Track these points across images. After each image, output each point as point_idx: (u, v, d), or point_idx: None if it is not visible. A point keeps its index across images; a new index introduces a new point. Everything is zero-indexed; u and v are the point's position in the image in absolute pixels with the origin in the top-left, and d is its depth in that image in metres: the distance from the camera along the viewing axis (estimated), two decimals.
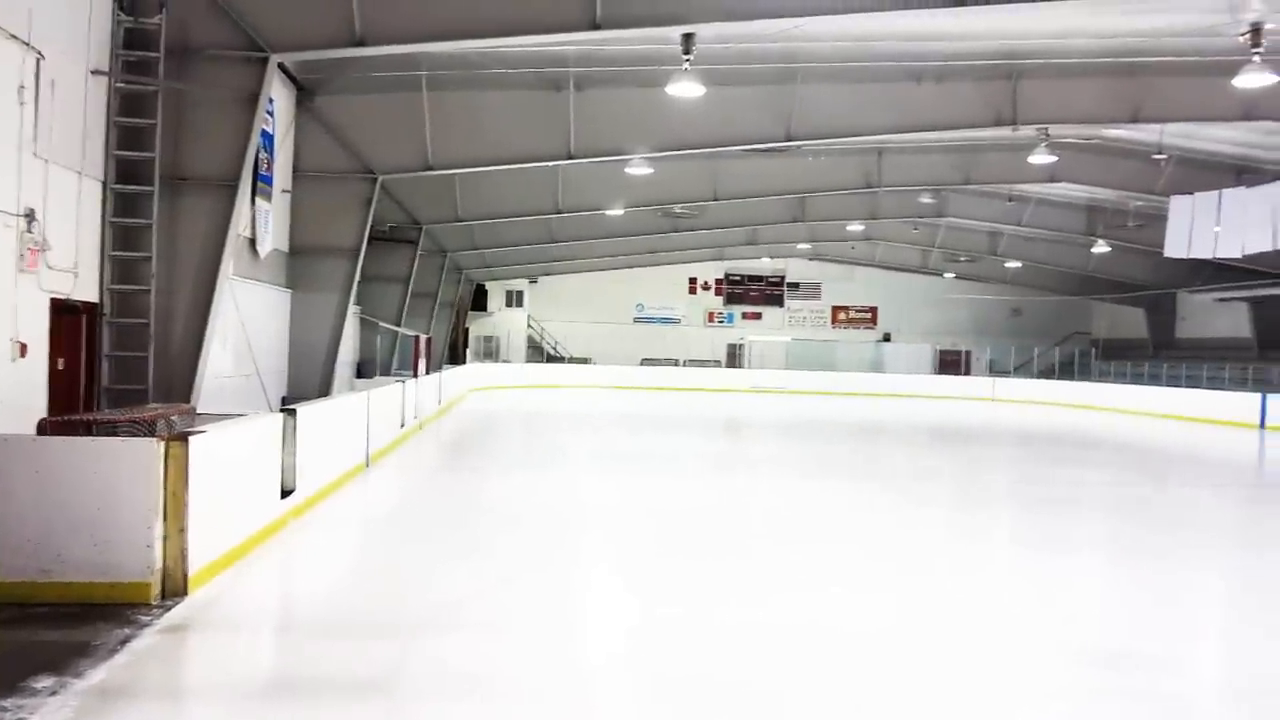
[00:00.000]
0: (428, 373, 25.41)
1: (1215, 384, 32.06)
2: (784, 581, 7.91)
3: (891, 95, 18.30)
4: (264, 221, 15.69)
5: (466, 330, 44.59)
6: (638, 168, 21.77)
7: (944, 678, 5.67)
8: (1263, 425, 25.80)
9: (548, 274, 44.95)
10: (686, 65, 13.84)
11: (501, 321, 46.59)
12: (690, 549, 9.13)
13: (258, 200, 15.17)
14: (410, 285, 26.53)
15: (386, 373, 24.44)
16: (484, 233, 30.43)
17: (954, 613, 7.09)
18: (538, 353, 47.16)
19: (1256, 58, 14.63)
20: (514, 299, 46.72)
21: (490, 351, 45.96)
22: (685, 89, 14.54)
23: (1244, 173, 25.10)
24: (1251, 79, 14.98)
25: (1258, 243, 24.30)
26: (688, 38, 13.57)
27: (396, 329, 26.06)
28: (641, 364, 44.39)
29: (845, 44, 16.67)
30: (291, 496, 9.15)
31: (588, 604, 7.30)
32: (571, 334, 47.36)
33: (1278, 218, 23.53)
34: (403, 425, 16.62)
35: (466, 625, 6.42)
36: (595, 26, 11.99)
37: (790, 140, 18.75)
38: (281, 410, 9.50)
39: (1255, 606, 7.88)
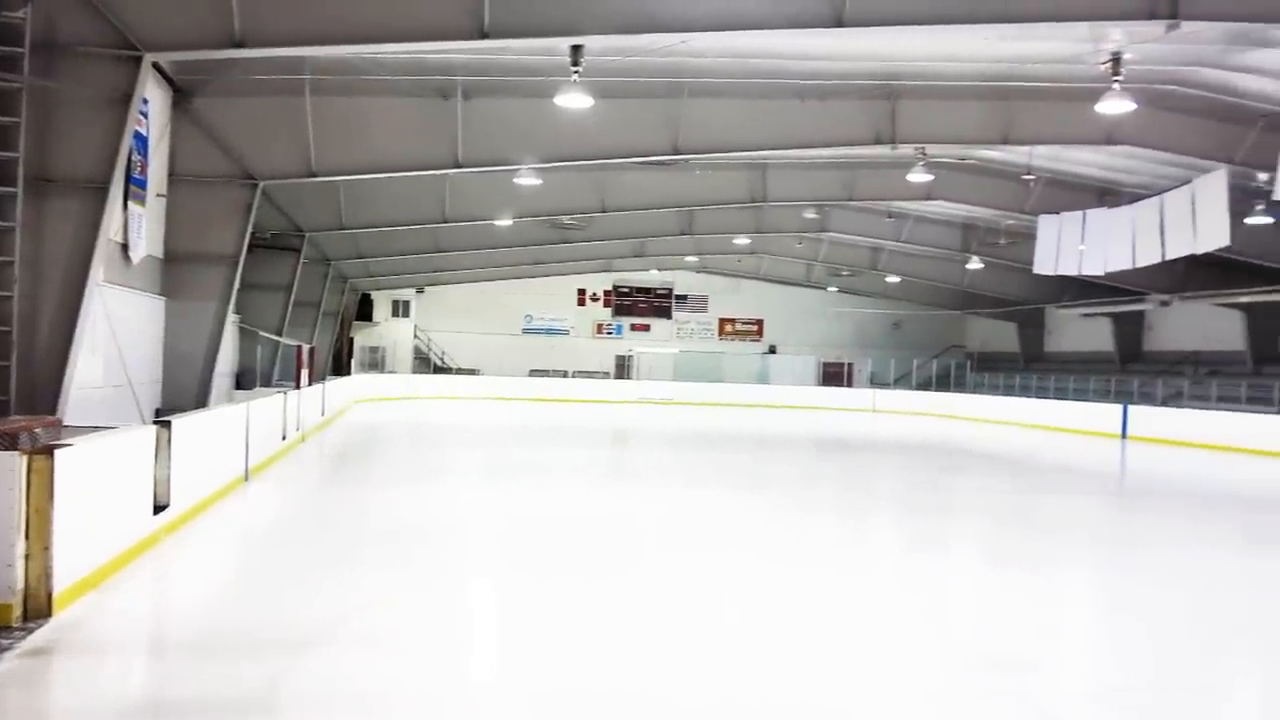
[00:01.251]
0: (311, 384, 24.79)
1: (1081, 395, 33.56)
2: (678, 588, 7.97)
3: (776, 112, 18.69)
4: (137, 226, 15.11)
5: (351, 340, 43.68)
6: (526, 178, 21.69)
7: (827, 678, 5.81)
8: (1124, 435, 27.14)
9: (435, 284, 44.36)
10: (575, 77, 13.85)
11: (387, 331, 45.79)
12: (581, 558, 9.13)
13: (130, 204, 14.60)
14: (293, 294, 25.83)
15: (268, 383, 23.77)
16: (369, 241, 29.87)
17: (839, 616, 7.26)
18: (424, 364, 46.47)
19: (1117, 85, 15.44)
20: (400, 309, 45.96)
21: (376, 362, 45.13)
22: (573, 100, 14.56)
23: (1106, 194, 26.43)
24: (1112, 105, 15.79)
25: (1119, 261, 25.60)
26: (576, 49, 13.56)
27: (278, 339, 25.37)
28: (530, 375, 44.23)
29: (731, 60, 16.98)
30: (165, 512, 8.83)
31: (475, 618, 7.23)
32: (459, 345, 46.84)
33: (1137, 237, 24.82)
34: (284, 438, 16.19)
35: (349, 642, 6.28)
36: (484, 35, 11.89)
37: (678, 154, 18.97)
38: (155, 422, 9.16)
39: (1125, 607, 8.28)
